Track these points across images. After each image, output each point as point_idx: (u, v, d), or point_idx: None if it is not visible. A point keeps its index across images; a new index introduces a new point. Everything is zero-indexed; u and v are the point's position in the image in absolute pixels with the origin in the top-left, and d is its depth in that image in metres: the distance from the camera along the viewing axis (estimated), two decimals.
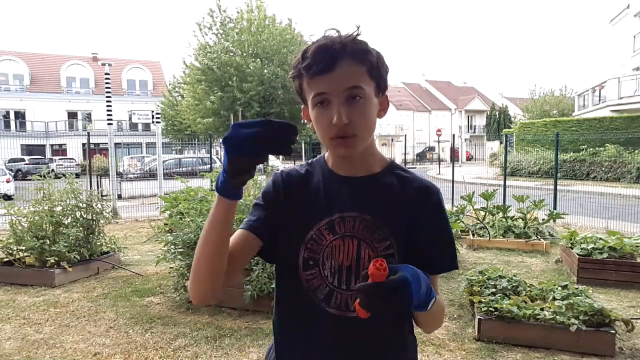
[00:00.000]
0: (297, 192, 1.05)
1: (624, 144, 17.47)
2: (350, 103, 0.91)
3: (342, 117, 0.89)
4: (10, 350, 3.38)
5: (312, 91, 0.93)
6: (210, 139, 13.13)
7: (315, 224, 1.00)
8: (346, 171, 1.03)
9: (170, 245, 4.39)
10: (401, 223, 1.00)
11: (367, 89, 0.93)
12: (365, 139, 0.96)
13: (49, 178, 5.41)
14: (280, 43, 20.65)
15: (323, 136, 0.95)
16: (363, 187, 1.01)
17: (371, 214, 0.98)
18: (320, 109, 0.93)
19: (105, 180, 12.27)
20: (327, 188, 1.03)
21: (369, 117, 0.94)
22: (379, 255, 0.97)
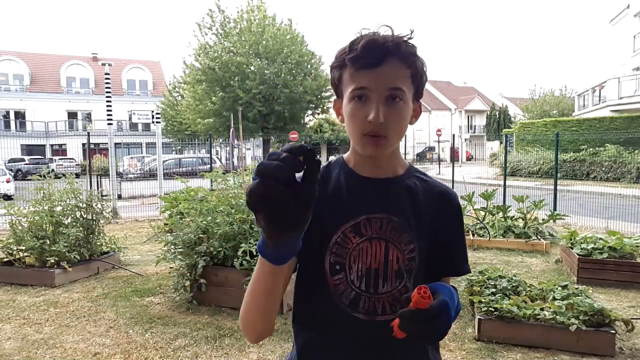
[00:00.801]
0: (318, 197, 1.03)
1: (624, 144, 17.47)
2: (389, 103, 0.90)
3: (380, 115, 0.88)
4: (10, 350, 3.38)
5: (353, 84, 0.91)
6: (210, 139, 13.13)
7: (340, 226, 0.97)
8: (370, 172, 1.01)
9: (170, 245, 4.39)
10: (425, 226, 0.99)
11: (407, 92, 0.92)
12: (395, 142, 0.95)
13: (49, 178, 5.41)
14: (281, 43, 20.65)
15: (355, 131, 0.93)
16: (388, 188, 1.00)
17: (398, 215, 0.97)
18: (357, 104, 0.91)
19: (105, 180, 12.27)
20: (350, 189, 1.00)
21: (403, 120, 0.93)
22: (405, 258, 0.97)
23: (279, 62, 20.43)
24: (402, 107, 0.91)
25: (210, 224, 4.29)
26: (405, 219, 0.97)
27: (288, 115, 21.59)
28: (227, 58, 20.09)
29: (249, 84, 19.80)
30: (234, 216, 4.33)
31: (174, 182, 8.34)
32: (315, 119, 30.63)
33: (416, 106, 0.98)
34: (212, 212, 4.45)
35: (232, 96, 20.07)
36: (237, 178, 5.30)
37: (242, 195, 4.79)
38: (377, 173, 1.00)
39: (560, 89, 43.27)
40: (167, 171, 13.52)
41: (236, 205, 4.51)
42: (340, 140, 35.61)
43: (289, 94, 20.64)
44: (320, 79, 22.13)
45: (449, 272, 1.05)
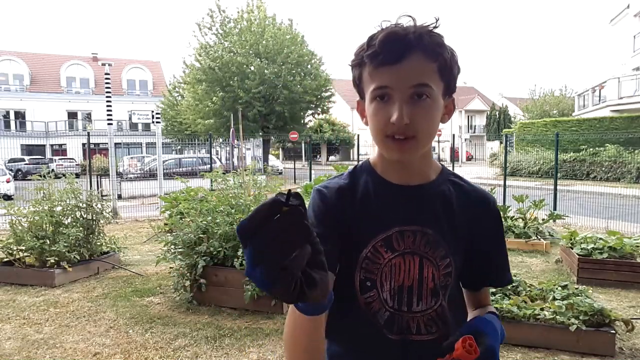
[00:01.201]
0: (346, 206, 0.92)
1: (624, 144, 17.47)
2: (415, 102, 0.82)
3: (404, 116, 0.80)
4: (10, 350, 3.38)
5: (374, 83, 0.83)
6: (210, 139, 13.12)
7: (370, 240, 0.89)
8: (399, 178, 0.92)
9: (170, 245, 4.39)
10: (461, 237, 0.92)
11: (435, 88, 0.83)
12: (425, 143, 0.86)
13: (49, 178, 5.42)
14: (281, 43, 20.66)
15: (377, 133, 0.85)
16: (420, 196, 0.91)
17: (433, 227, 0.90)
18: (379, 104, 0.84)
19: (105, 180, 12.27)
20: (379, 199, 0.92)
21: (432, 119, 0.84)
22: (440, 274, 0.90)
23: (278, 62, 20.43)
24: (430, 104, 0.83)
25: (210, 224, 4.29)
26: (440, 231, 0.90)
27: (288, 115, 21.60)
28: (227, 58, 20.09)
29: (249, 84, 19.81)
30: (234, 216, 4.33)
31: (174, 182, 8.35)
32: (315, 119, 30.62)
33: (448, 102, 0.90)
34: (212, 212, 4.45)
35: (232, 96, 20.08)
36: (237, 178, 5.30)
37: (242, 195, 4.80)
38: (407, 179, 0.92)
39: (560, 89, 43.30)
40: (167, 171, 13.52)
41: (236, 205, 4.51)
42: (340, 140, 35.61)
43: (289, 94, 20.65)
44: (320, 79, 22.14)
45: (488, 283, 0.98)
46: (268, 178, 5.98)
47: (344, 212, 0.91)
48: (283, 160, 34.69)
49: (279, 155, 38.19)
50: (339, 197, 0.93)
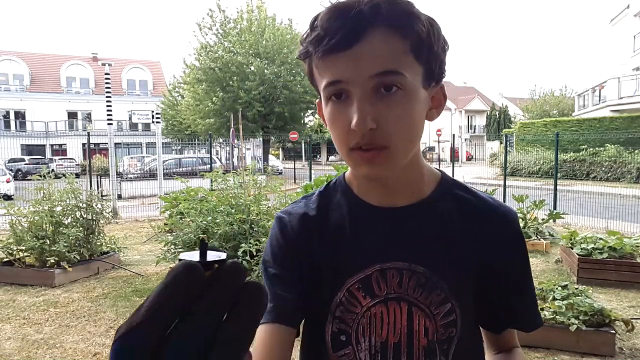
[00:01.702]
0: (313, 238, 0.74)
1: (624, 144, 17.47)
2: (381, 97, 0.61)
3: (366, 119, 0.59)
4: (10, 350, 3.38)
5: (324, 78, 0.63)
6: (210, 139, 13.13)
7: (343, 281, 0.71)
8: (381, 199, 0.72)
9: (170, 245, 4.40)
10: (469, 271, 0.71)
11: (409, 75, 0.61)
12: (404, 152, 0.65)
13: (49, 178, 5.42)
14: (281, 43, 20.67)
15: (339, 145, 0.65)
16: (409, 222, 0.71)
17: (425, 263, 0.69)
18: (335, 105, 0.64)
19: (105, 180, 12.27)
20: (355, 227, 0.72)
21: (409, 118, 0.63)
22: (438, 326, 0.69)
23: (278, 63, 20.44)
24: (404, 98, 0.61)
25: (210, 224, 4.29)
26: (436, 267, 0.69)
27: (288, 115, 21.60)
28: (227, 58, 20.10)
29: (249, 84, 19.82)
30: (234, 216, 4.33)
31: (174, 182, 8.35)
32: (315, 119, 30.63)
33: (434, 92, 0.68)
34: (212, 212, 4.45)
35: (232, 96, 20.08)
36: (237, 178, 5.30)
37: (242, 195, 4.80)
38: (391, 199, 0.72)
39: (560, 89, 43.36)
40: (167, 171, 13.52)
41: (236, 205, 4.51)
42: None
43: (289, 94, 20.65)
44: None
45: (511, 326, 0.76)
46: (268, 178, 5.98)
47: (310, 245, 0.73)
48: (283, 160, 34.70)
49: (279, 155, 38.20)
50: (303, 227, 0.74)
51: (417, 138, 0.66)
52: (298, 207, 0.78)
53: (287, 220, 0.76)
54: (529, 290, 0.75)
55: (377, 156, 0.63)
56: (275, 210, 4.74)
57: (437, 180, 0.75)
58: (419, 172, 0.73)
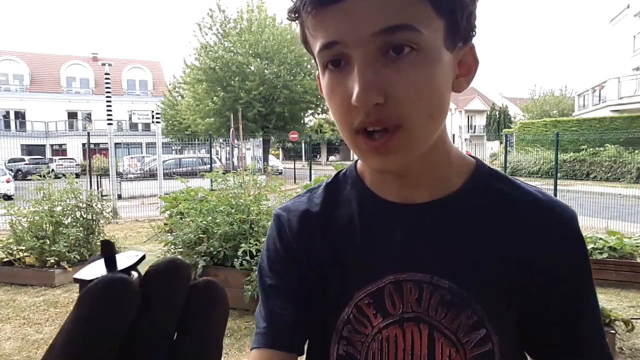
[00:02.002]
0: (314, 240, 0.62)
1: (624, 144, 17.48)
2: (390, 61, 0.48)
3: (370, 91, 0.47)
4: (10, 350, 3.38)
5: (317, 40, 0.50)
6: (210, 139, 13.13)
7: (351, 295, 0.58)
8: (398, 193, 0.59)
9: (170, 245, 4.40)
10: (508, 289, 0.55)
11: (425, 31, 0.47)
12: (423, 132, 0.51)
13: (49, 178, 5.42)
14: (280, 43, 20.69)
15: (341, 129, 0.53)
16: (432, 222, 0.57)
17: (451, 275, 0.55)
18: (333, 75, 0.51)
19: (105, 180, 12.27)
20: (366, 228, 0.60)
21: (429, 86, 0.48)
22: (468, 357, 0.54)
23: (277, 62, 20.45)
24: (420, 61, 0.48)
25: (210, 224, 4.29)
26: (466, 280, 0.55)
27: (288, 115, 21.61)
28: (228, 58, 20.12)
29: (249, 84, 19.82)
30: (234, 216, 4.33)
31: (174, 182, 8.34)
32: (315, 119, 30.65)
33: (462, 54, 0.53)
34: (212, 212, 4.45)
35: (233, 96, 20.09)
36: (237, 178, 5.30)
37: (242, 195, 4.79)
38: (409, 194, 0.58)
39: (560, 89, 43.40)
40: (167, 171, 13.52)
41: (236, 205, 4.51)
42: (340, 140, 35.60)
43: (289, 94, 20.66)
44: None
45: (568, 358, 0.57)
46: (268, 178, 5.98)
47: (311, 249, 0.62)
48: (283, 160, 34.71)
49: (279, 155, 38.22)
50: (304, 226, 0.63)
51: (440, 113, 0.51)
52: (299, 202, 0.66)
53: (286, 219, 0.64)
54: (593, 311, 0.56)
55: (389, 142, 0.49)
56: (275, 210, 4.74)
57: (470, 170, 0.60)
58: (446, 158, 0.58)
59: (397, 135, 0.49)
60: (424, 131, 0.51)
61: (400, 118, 0.49)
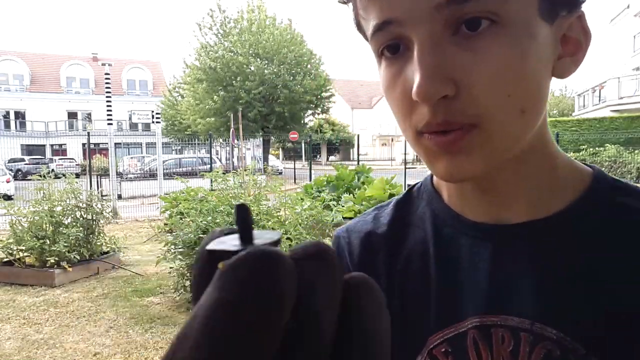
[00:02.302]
0: (380, 269, 0.52)
1: (624, 144, 17.48)
2: (462, 40, 0.38)
3: (434, 80, 0.37)
4: (10, 350, 3.38)
5: (369, 20, 0.41)
6: (210, 139, 13.14)
7: (423, 340, 0.47)
8: (485, 211, 0.47)
9: (170, 245, 4.40)
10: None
11: (513, 1, 0.37)
12: (510, 132, 0.40)
13: (49, 178, 5.42)
14: (280, 43, 20.71)
15: (403, 130, 0.43)
16: (533, 250, 0.44)
17: (561, 322, 0.41)
18: (389, 64, 0.41)
19: (105, 180, 12.27)
20: (443, 255, 0.48)
21: (518, 71, 0.38)
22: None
23: (276, 62, 20.47)
24: (504, 37, 0.37)
25: (210, 224, 4.29)
26: (582, 330, 0.41)
27: (288, 115, 21.62)
28: (228, 58, 20.14)
29: (249, 84, 19.85)
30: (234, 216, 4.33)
31: (174, 182, 8.34)
32: (315, 119, 30.65)
33: (566, 26, 0.41)
34: (212, 212, 4.45)
35: (233, 96, 20.11)
36: (237, 178, 5.30)
37: (242, 195, 4.80)
38: (500, 212, 0.46)
39: (560, 89, 43.37)
40: (167, 171, 13.53)
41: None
42: (340, 140, 35.64)
43: (289, 94, 20.68)
44: (320, 79, 22.17)
45: None
46: (268, 178, 5.98)
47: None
48: (283, 160, 34.71)
49: (279, 155, 38.22)
50: (367, 251, 0.53)
51: (536, 107, 0.40)
52: (363, 222, 0.55)
53: (346, 242, 0.54)
54: None
55: (460, 140, 0.38)
56: (275, 210, 4.75)
57: (586, 182, 0.46)
58: (549, 166, 0.45)
59: (469, 136, 0.38)
60: (511, 130, 0.39)
61: (475, 115, 0.38)
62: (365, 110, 43.75)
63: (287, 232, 4.31)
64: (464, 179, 0.41)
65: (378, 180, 7.33)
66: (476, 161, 0.39)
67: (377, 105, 43.74)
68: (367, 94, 45.53)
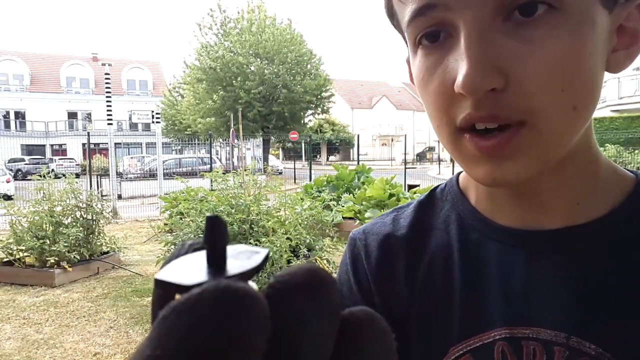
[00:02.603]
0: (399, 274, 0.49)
1: (624, 144, 17.49)
2: (514, 27, 0.34)
3: (483, 70, 0.34)
4: (10, 350, 3.38)
5: (408, 5, 0.38)
6: (210, 139, 13.14)
7: (445, 350, 0.44)
8: (517, 216, 0.44)
9: (170, 245, 4.40)
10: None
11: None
12: (562, 132, 0.37)
13: (49, 178, 5.42)
14: (280, 43, 20.72)
15: (437, 125, 0.40)
16: (570, 259, 0.41)
17: (600, 336, 0.39)
18: (428, 53, 0.38)
19: (105, 180, 12.28)
20: (469, 261, 0.45)
21: (574, 65, 0.35)
22: None
23: (277, 62, 20.49)
24: (561, 26, 0.34)
25: None
26: (622, 345, 0.38)
27: (288, 115, 21.63)
28: (229, 58, 20.15)
29: (249, 84, 19.86)
30: (234, 216, 4.33)
31: (174, 182, 8.34)
32: (315, 119, 30.66)
33: (624, 15, 0.37)
34: (212, 212, 4.45)
35: (233, 96, 20.12)
36: (237, 178, 5.30)
37: (242, 195, 4.80)
38: (535, 217, 0.43)
39: None
40: (167, 171, 13.54)
41: (236, 205, 4.51)
42: (340, 140, 35.64)
43: (289, 94, 20.69)
44: (320, 79, 22.17)
45: None
46: (268, 178, 5.98)
47: (392, 286, 0.48)
48: (283, 160, 34.72)
49: (279, 155, 38.24)
50: (386, 254, 0.49)
51: (589, 104, 0.37)
52: (382, 223, 0.52)
53: (363, 244, 0.51)
54: None
55: (509, 141, 0.35)
56: (275, 210, 4.75)
57: (629, 187, 0.43)
58: (591, 170, 0.42)
59: (521, 133, 0.35)
60: (562, 129, 0.36)
61: (526, 111, 0.35)
62: (365, 110, 43.76)
63: (287, 232, 4.31)
64: (508, 184, 0.38)
65: (378, 180, 7.33)
66: (523, 166, 0.36)
67: (377, 105, 43.74)
68: (367, 94, 45.54)
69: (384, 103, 44.23)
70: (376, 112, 43.43)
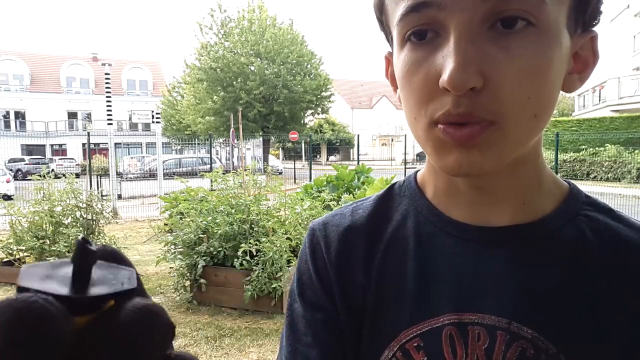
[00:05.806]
0: (356, 264, 0.51)
1: (624, 144, 17.49)
2: (497, 36, 0.38)
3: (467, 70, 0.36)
4: None
5: (401, 1, 0.40)
6: (210, 139, 13.14)
7: (395, 333, 0.46)
8: (469, 212, 0.47)
9: (170, 245, 4.40)
10: (615, 349, 0.42)
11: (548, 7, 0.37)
12: (523, 134, 0.40)
13: (49, 178, 5.42)
14: (281, 43, 20.73)
15: (414, 117, 0.42)
16: (514, 253, 0.45)
17: (536, 323, 0.43)
18: (415, 49, 0.40)
19: (105, 180, 12.28)
20: (423, 252, 0.48)
21: (542, 76, 0.38)
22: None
23: (278, 62, 20.49)
24: (536, 40, 0.37)
25: (210, 224, 4.30)
26: (558, 332, 0.42)
27: (288, 115, 21.64)
28: (229, 58, 20.16)
29: (250, 84, 19.87)
30: (234, 216, 4.33)
31: (174, 182, 8.34)
32: (315, 119, 30.66)
33: (580, 44, 0.43)
34: (212, 212, 4.45)
35: (233, 96, 20.12)
36: (237, 178, 5.30)
37: (242, 195, 4.80)
38: (485, 213, 0.47)
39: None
40: (167, 171, 13.54)
41: (236, 205, 4.51)
42: (340, 140, 35.63)
43: (289, 94, 20.70)
44: (320, 79, 22.18)
45: None
46: (268, 178, 5.98)
47: (350, 274, 0.50)
48: (283, 160, 34.72)
49: (279, 155, 38.23)
50: (345, 246, 0.51)
51: (546, 114, 0.41)
52: (341, 215, 0.54)
53: (322, 235, 0.53)
54: None
55: (477, 136, 0.38)
56: (275, 210, 4.75)
57: (563, 195, 0.48)
58: (537, 175, 0.46)
59: (490, 130, 0.38)
60: (522, 132, 0.40)
61: (497, 112, 0.38)
62: (365, 110, 43.76)
63: (287, 232, 4.31)
64: (472, 174, 0.41)
65: (378, 180, 7.32)
66: (489, 158, 0.40)
67: (377, 105, 43.73)
68: (367, 94, 45.54)
69: (384, 103, 44.24)
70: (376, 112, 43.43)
